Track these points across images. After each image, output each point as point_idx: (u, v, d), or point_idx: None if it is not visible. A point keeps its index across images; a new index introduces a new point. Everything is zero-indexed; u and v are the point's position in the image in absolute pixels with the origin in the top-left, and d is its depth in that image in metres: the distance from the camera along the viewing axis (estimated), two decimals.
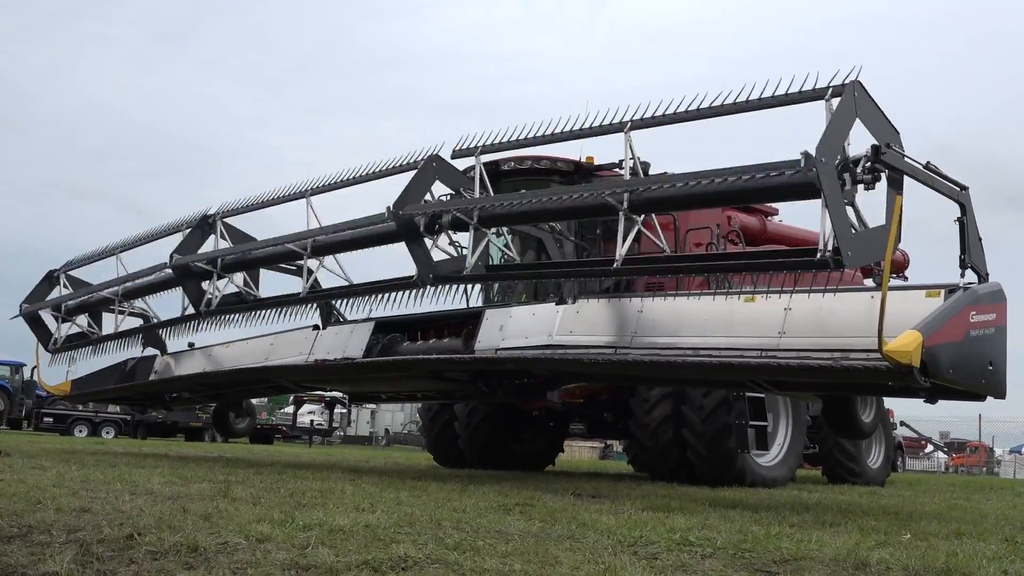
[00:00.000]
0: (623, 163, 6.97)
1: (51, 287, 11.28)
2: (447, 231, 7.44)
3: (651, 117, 6.34)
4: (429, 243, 7.53)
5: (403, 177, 7.64)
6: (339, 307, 9.30)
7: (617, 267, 6.54)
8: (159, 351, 11.20)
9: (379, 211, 7.59)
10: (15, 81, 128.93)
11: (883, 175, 5.52)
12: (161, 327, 10.81)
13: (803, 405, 10.47)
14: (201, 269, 9.31)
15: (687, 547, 4.07)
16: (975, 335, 5.63)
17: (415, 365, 8.38)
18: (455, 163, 7.67)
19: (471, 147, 7.43)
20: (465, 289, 8.78)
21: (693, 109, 6.07)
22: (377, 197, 8.01)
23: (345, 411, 37.61)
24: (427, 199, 7.54)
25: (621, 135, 6.55)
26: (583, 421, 12.11)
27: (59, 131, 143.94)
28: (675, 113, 6.24)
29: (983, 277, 6.13)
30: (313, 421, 35.79)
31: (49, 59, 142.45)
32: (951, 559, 4.00)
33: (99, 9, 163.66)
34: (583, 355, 7.18)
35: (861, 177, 5.45)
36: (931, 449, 43.31)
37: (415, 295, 7.98)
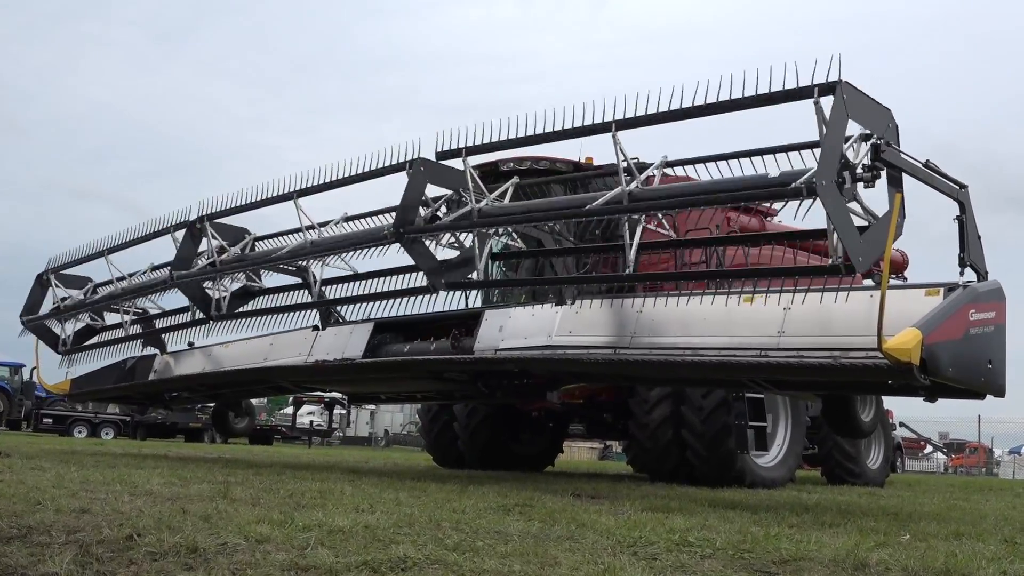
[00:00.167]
0: (629, 164, 6.96)
1: (44, 290, 11.23)
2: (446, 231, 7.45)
3: (636, 116, 6.22)
4: (432, 245, 7.54)
5: (397, 176, 7.57)
6: (338, 308, 9.31)
7: (631, 273, 6.54)
8: (159, 350, 11.20)
9: (375, 206, 7.95)
10: (14, 82, 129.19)
11: (883, 173, 5.53)
12: (167, 331, 10.81)
13: (802, 406, 10.47)
14: (200, 276, 9.33)
15: (686, 548, 4.07)
16: (974, 333, 5.64)
17: (414, 366, 8.39)
18: (447, 164, 7.55)
19: (456, 148, 7.21)
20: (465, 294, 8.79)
21: (679, 108, 5.98)
22: (372, 185, 7.97)
23: (344, 412, 37.57)
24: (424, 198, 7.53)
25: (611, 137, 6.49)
26: (582, 422, 12.10)
27: (58, 132, 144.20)
28: (660, 112, 6.10)
29: (982, 275, 6.14)
30: (312, 422, 35.79)
31: (48, 60, 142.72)
32: (950, 560, 4.01)
33: (98, 10, 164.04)
34: (583, 355, 7.18)
35: (861, 175, 5.47)
36: (930, 450, 43.27)
37: (417, 297, 8.06)
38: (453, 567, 3.26)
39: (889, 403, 14.52)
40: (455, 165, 7.36)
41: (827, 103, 5.29)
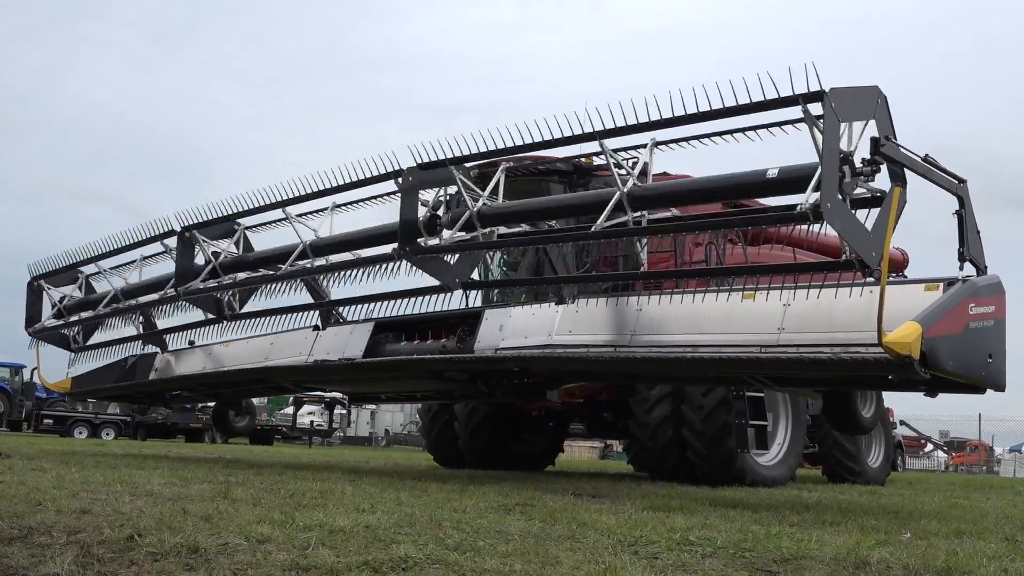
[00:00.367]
0: (620, 163, 6.96)
1: (39, 295, 11.28)
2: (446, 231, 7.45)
3: (623, 126, 6.19)
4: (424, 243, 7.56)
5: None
6: (338, 307, 9.31)
7: (644, 271, 6.55)
8: (159, 348, 11.21)
9: (372, 206, 8.10)
10: (12, 83, 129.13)
11: (882, 167, 5.53)
12: (167, 333, 10.80)
13: (803, 404, 10.47)
14: (200, 268, 9.36)
15: (687, 547, 4.07)
16: (974, 327, 5.64)
17: (415, 365, 8.38)
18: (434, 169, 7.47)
19: (441, 159, 7.20)
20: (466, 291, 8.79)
21: (668, 117, 5.92)
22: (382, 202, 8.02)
23: (345, 412, 37.57)
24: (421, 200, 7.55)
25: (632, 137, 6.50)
26: (583, 421, 12.10)
27: (57, 133, 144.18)
28: (649, 121, 6.06)
29: (982, 270, 6.14)
30: (313, 422, 35.77)
31: (46, 61, 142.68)
32: (951, 558, 4.01)
33: (97, 10, 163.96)
34: (583, 353, 7.18)
35: (861, 170, 5.47)
36: (931, 448, 43.32)
37: (415, 299, 8.11)
38: (454, 567, 3.26)
39: (889, 401, 14.55)
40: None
41: (815, 108, 5.27)
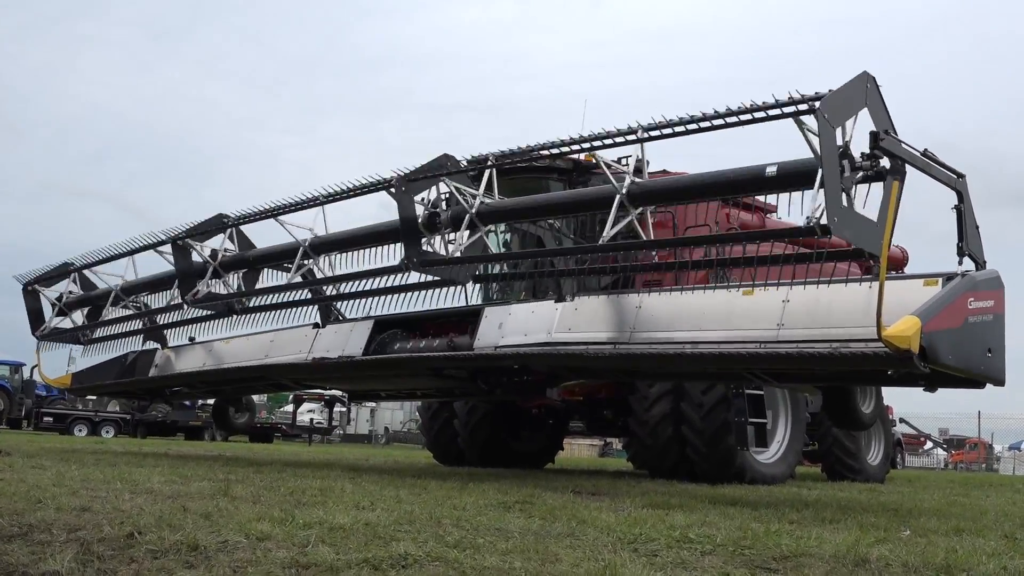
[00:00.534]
0: (621, 159, 6.97)
1: (62, 278, 11.34)
2: (445, 230, 7.44)
3: (616, 134, 6.29)
4: (425, 242, 7.56)
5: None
6: (338, 306, 9.32)
7: (603, 243, 6.56)
8: (159, 345, 11.22)
9: (373, 205, 7.84)
10: (11, 83, 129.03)
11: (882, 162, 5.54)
12: (150, 314, 10.78)
13: (802, 402, 10.47)
14: (200, 264, 9.38)
15: (687, 544, 4.07)
16: (973, 321, 5.63)
17: (414, 363, 8.39)
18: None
19: (483, 156, 7.40)
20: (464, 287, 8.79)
21: (660, 122, 6.02)
22: (382, 205, 8.05)
23: (344, 409, 37.58)
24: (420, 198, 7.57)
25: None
26: (582, 419, 12.12)
27: (56, 133, 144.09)
28: (641, 136, 6.20)
29: (980, 264, 6.14)
30: (313, 420, 35.77)
31: (45, 60, 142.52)
32: (951, 555, 4.01)
33: (95, 10, 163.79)
34: (583, 350, 7.18)
35: (860, 164, 5.47)
36: (930, 446, 43.32)
37: (415, 292, 8.05)
38: (454, 564, 3.26)
39: (889, 399, 14.53)
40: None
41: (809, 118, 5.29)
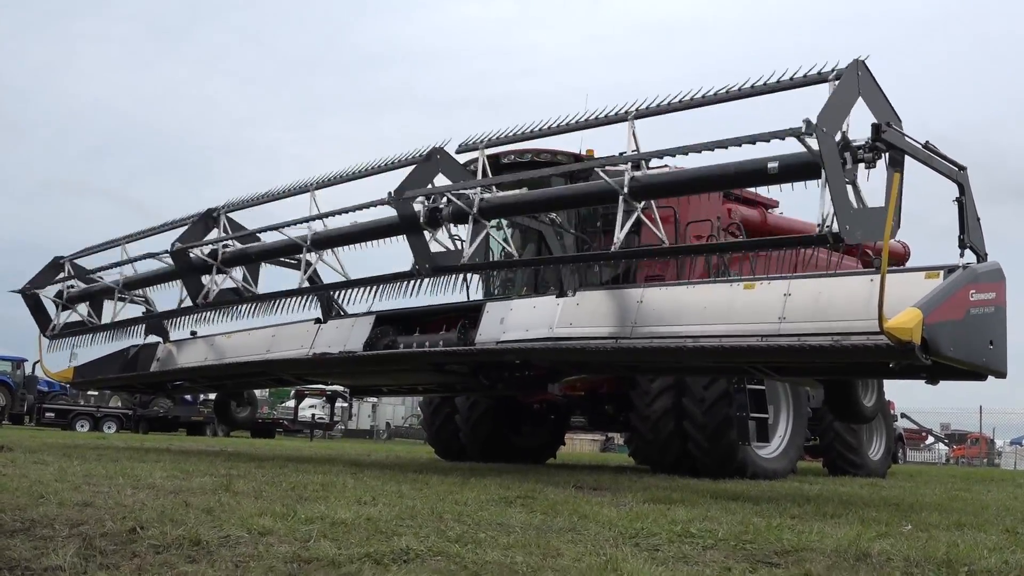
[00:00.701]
0: (623, 154, 6.96)
1: (56, 273, 11.34)
2: (447, 224, 7.46)
3: (655, 107, 6.43)
4: (429, 237, 7.57)
5: (406, 171, 7.72)
6: (340, 301, 9.32)
7: (615, 251, 6.59)
8: (161, 339, 11.23)
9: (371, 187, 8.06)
10: (12, 80, 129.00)
11: (883, 154, 5.54)
12: (160, 318, 10.86)
13: (804, 397, 10.47)
14: (201, 261, 9.40)
15: (689, 539, 4.07)
16: (975, 313, 5.62)
17: (416, 358, 8.39)
18: (460, 157, 7.77)
19: (475, 141, 7.55)
20: (466, 281, 8.80)
21: (697, 97, 6.12)
22: (380, 193, 8.07)
23: (346, 405, 37.63)
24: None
25: (624, 127, 6.60)
26: (584, 414, 12.12)
27: (56, 130, 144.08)
28: (678, 102, 6.33)
29: (982, 257, 6.14)
30: (314, 415, 35.82)
31: (46, 57, 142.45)
32: (952, 550, 4.01)
33: (95, 6, 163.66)
34: (584, 344, 7.18)
35: (862, 156, 5.47)
36: (932, 441, 43.35)
37: (416, 288, 8.04)
38: (455, 559, 3.26)
39: (890, 394, 14.53)
40: (463, 159, 7.53)
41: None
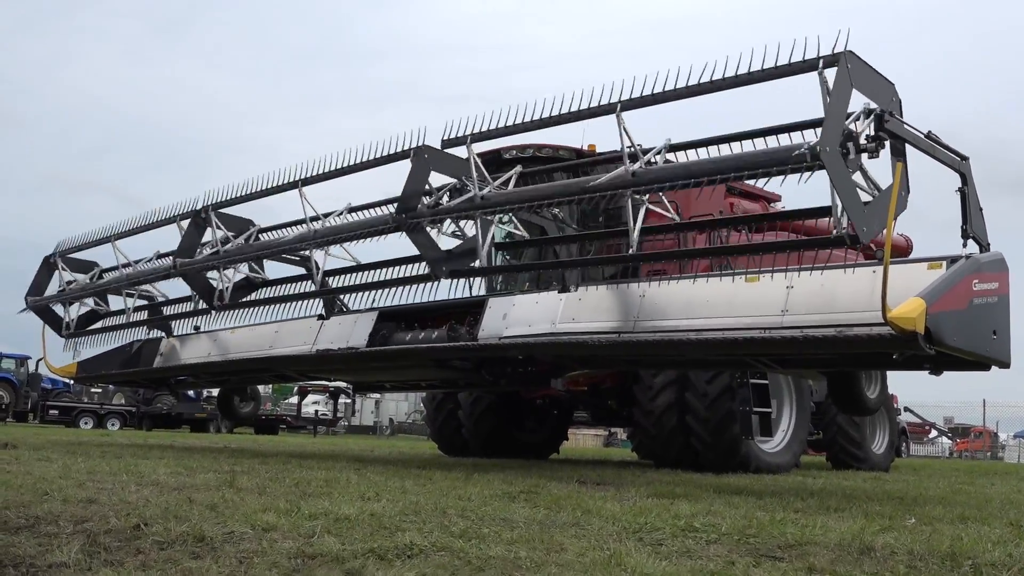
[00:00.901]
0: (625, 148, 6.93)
1: (50, 273, 11.29)
2: (450, 216, 7.45)
3: (640, 96, 6.20)
4: (433, 232, 7.56)
5: (400, 165, 7.62)
6: (342, 297, 9.31)
7: (633, 252, 6.56)
8: (164, 333, 11.23)
9: (376, 198, 8.04)
10: (13, 75, 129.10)
11: (886, 143, 5.54)
12: (172, 319, 10.86)
13: (807, 391, 10.46)
14: (205, 265, 9.37)
15: (692, 533, 4.07)
16: (978, 303, 5.62)
17: (419, 354, 8.38)
18: (450, 152, 7.58)
19: (460, 135, 7.24)
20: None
21: (683, 87, 5.96)
22: (374, 176, 8.05)
23: (349, 401, 37.67)
24: (427, 187, 7.56)
25: (615, 119, 6.49)
26: (587, 409, 12.12)
27: (58, 125, 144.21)
28: (665, 91, 6.08)
29: (985, 247, 6.12)
30: (317, 411, 35.90)
31: (47, 53, 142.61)
32: (956, 543, 4.01)
33: (96, 2, 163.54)
34: (587, 339, 7.17)
35: (865, 146, 5.47)
36: (935, 434, 43.33)
37: (422, 286, 8.06)
38: (459, 554, 3.27)
39: (894, 388, 14.54)
40: (459, 153, 7.39)
41: (832, 76, 5.30)
